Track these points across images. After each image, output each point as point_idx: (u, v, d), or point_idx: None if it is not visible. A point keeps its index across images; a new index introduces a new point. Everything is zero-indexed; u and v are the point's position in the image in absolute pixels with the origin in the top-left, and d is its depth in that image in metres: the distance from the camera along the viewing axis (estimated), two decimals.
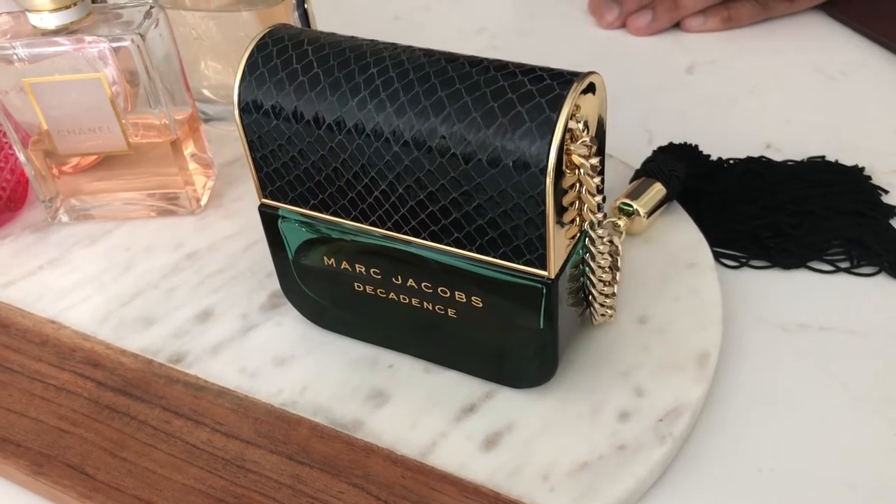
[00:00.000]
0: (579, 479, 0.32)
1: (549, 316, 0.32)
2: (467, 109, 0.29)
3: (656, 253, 0.41)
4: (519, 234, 0.30)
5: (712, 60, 0.59)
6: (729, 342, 0.38)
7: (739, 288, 0.41)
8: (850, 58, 0.58)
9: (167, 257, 0.44)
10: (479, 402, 0.35)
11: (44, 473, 0.34)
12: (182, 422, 0.36)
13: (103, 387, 0.37)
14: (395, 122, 0.30)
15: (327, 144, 0.32)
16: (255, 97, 0.33)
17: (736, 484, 0.33)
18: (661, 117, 0.53)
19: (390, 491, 0.32)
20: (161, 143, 0.44)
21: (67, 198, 0.47)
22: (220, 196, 0.48)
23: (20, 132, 0.44)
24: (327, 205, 0.34)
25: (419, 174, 0.31)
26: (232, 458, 0.34)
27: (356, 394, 0.36)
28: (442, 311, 0.34)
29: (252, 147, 0.34)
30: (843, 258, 0.42)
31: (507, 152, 0.29)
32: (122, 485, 0.33)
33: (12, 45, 0.41)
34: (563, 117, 0.28)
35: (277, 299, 0.41)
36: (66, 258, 0.45)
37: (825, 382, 0.36)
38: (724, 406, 0.36)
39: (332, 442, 0.34)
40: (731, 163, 0.47)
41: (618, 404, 0.34)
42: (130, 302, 0.42)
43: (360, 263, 0.35)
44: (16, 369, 0.39)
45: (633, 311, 0.38)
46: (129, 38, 0.41)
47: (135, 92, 0.43)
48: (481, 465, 0.33)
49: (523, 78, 0.29)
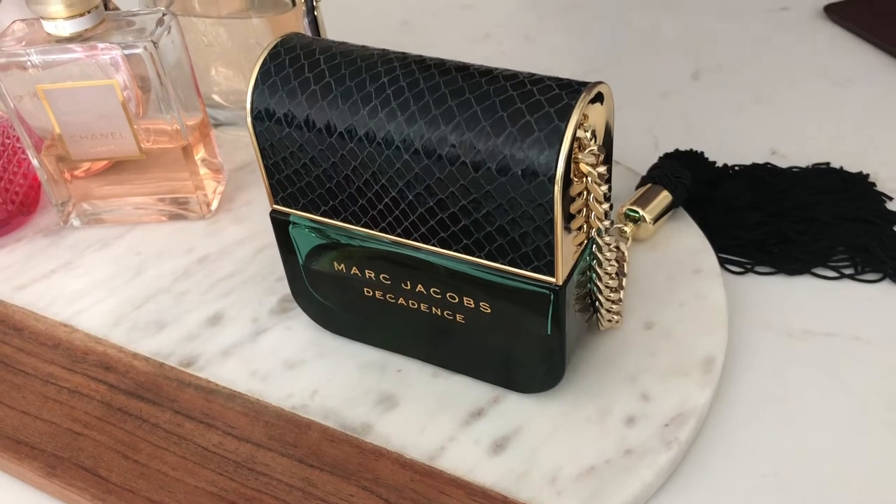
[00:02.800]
0: (586, 484, 0.32)
1: (557, 322, 0.33)
2: (477, 118, 0.30)
3: (662, 259, 0.42)
4: (527, 242, 0.31)
5: (718, 67, 0.59)
6: (734, 348, 0.38)
7: (744, 294, 0.41)
8: (856, 65, 0.58)
9: (178, 261, 0.45)
10: (487, 407, 0.36)
11: (57, 475, 0.35)
12: (194, 425, 0.36)
13: (116, 390, 0.38)
14: (406, 131, 0.31)
15: (339, 152, 0.32)
16: (267, 105, 0.33)
17: (741, 489, 0.33)
18: (667, 124, 0.54)
19: (399, 494, 0.33)
20: (172, 148, 0.45)
21: (79, 202, 0.47)
22: (230, 201, 0.49)
23: (33, 137, 0.45)
24: (338, 211, 0.34)
25: (429, 182, 0.31)
26: (243, 461, 0.34)
27: (365, 398, 0.37)
28: (450, 316, 0.35)
29: (264, 154, 0.34)
30: (847, 265, 0.42)
31: (517, 161, 0.29)
32: (135, 487, 0.34)
33: (27, 52, 0.41)
34: (572, 127, 0.29)
35: (287, 304, 0.41)
36: (78, 262, 0.46)
37: (830, 388, 0.37)
38: (730, 411, 0.36)
39: (341, 445, 0.35)
40: (736, 169, 0.48)
41: (624, 409, 0.35)
42: (142, 306, 0.42)
43: (369, 269, 0.35)
44: (29, 372, 0.39)
45: (640, 316, 0.39)
46: (142, 45, 0.41)
47: (146, 98, 0.44)
48: (489, 469, 0.33)
49: (532, 88, 0.30)
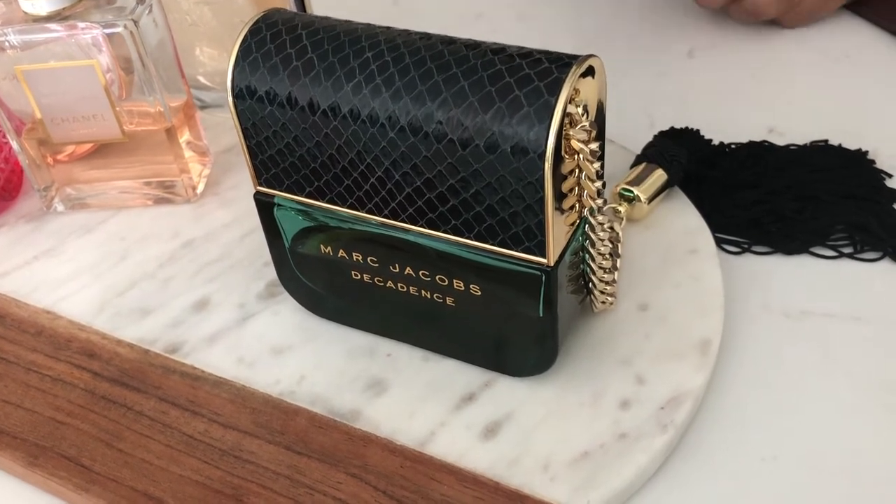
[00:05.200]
0: (580, 468, 0.32)
1: (549, 304, 0.32)
2: (464, 94, 0.29)
3: (657, 239, 0.41)
4: (517, 221, 0.30)
5: (713, 45, 0.58)
6: (731, 329, 0.38)
7: (741, 274, 0.40)
8: (853, 41, 0.57)
9: (163, 246, 0.44)
10: (478, 391, 0.35)
11: (39, 465, 0.34)
12: (179, 412, 0.35)
13: (99, 377, 0.37)
14: (391, 108, 0.30)
15: (322, 131, 0.32)
16: (248, 83, 0.32)
17: (738, 472, 0.33)
18: (662, 102, 0.53)
19: (389, 481, 0.32)
20: (156, 130, 0.44)
21: (63, 186, 0.46)
22: (216, 184, 0.48)
23: (13, 120, 0.44)
24: (323, 192, 0.34)
25: (416, 160, 0.30)
26: (229, 449, 0.34)
27: (354, 383, 0.36)
28: (440, 299, 0.34)
29: (247, 134, 0.34)
30: (846, 243, 0.41)
31: (505, 137, 0.28)
32: (119, 476, 0.33)
33: (4, 32, 0.40)
34: (562, 101, 0.28)
35: (274, 288, 0.40)
36: (61, 248, 0.45)
37: (828, 369, 0.36)
38: (726, 394, 0.35)
39: (329, 432, 0.34)
40: (732, 147, 0.47)
41: (618, 392, 0.34)
42: (126, 292, 0.41)
43: (357, 252, 0.35)
44: (11, 360, 0.38)
45: (634, 298, 0.38)
46: (122, 23, 0.40)
47: (129, 79, 0.43)
48: (481, 455, 0.33)
49: (521, 61, 0.29)
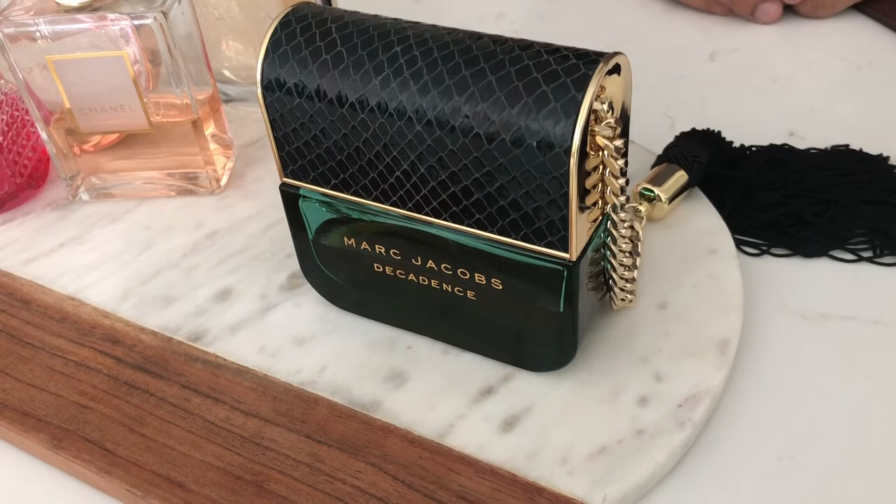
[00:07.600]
0: (598, 463, 0.32)
1: (570, 299, 0.32)
2: (491, 89, 0.29)
3: (677, 239, 0.41)
4: (541, 216, 0.30)
5: (735, 49, 0.58)
6: (749, 330, 0.38)
7: (760, 275, 0.41)
8: (875, 48, 0.57)
9: (187, 237, 0.44)
10: (497, 385, 0.35)
11: (63, 448, 0.34)
12: (201, 399, 0.36)
13: (123, 363, 0.38)
14: (419, 101, 0.30)
15: (349, 123, 0.32)
16: (277, 75, 0.33)
17: (755, 471, 0.33)
18: (684, 104, 0.53)
19: (407, 471, 0.32)
20: (182, 122, 0.44)
21: (88, 176, 0.47)
22: (239, 177, 0.48)
23: (42, 110, 0.44)
24: (348, 184, 0.34)
25: (441, 154, 0.31)
26: (250, 436, 0.34)
27: (375, 374, 0.36)
28: (461, 292, 0.34)
29: (274, 126, 0.34)
30: (865, 247, 0.41)
31: (531, 132, 0.29)
32: (141, 460, 0.34)
33: (35, 23, 0.41)
34: (589, 98, 0.28)
35: (297, 280, 0.41)
36: (86, 236, 0.45)
37: (846, 372, 0.36)
38: (744, 393, 0.35)
39: (350, 421, 0.34)
40: (753, 150, 0.47)
41: (637, 389, 0.34)
42: (150, 280, 0.42)
43: (379, 244, 0.35)
44: (36, 345, 0.39)
45: (653, 296, 0.38)
46: (152, 15, 0.41)
47: (157, 71, 0.43)
48: (499, 447, 0.33)
49: (548, 57, 0.29)
